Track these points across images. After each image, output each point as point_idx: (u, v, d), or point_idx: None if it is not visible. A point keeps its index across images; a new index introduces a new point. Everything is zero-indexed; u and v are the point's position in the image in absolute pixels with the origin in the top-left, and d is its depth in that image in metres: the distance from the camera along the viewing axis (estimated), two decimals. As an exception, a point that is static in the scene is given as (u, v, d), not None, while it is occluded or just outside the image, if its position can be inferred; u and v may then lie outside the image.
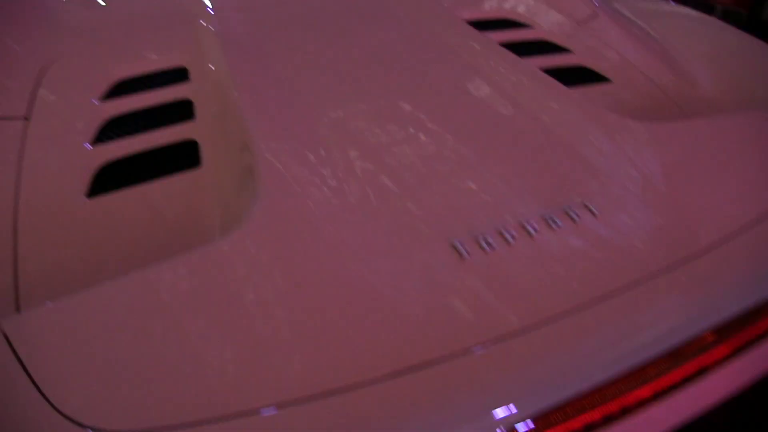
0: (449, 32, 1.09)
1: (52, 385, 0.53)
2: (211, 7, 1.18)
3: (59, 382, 0.54)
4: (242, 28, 1.09)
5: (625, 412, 0.61)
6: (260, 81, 0.91)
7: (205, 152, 0.84)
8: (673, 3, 1.49)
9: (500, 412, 0.56)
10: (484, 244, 0.68)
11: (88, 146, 0.84)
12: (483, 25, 1.14)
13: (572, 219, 0.73)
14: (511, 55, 1.02)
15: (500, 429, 0.55)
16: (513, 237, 0.69)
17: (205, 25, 1.07)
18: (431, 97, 0.93)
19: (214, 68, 0.95)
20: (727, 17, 3.17)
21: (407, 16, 1.15)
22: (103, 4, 1.27)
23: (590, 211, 0.74)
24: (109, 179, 0.81)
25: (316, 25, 1.12)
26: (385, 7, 1.21)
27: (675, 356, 0.64)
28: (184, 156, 0.84)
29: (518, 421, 0.56)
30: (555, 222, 0.72)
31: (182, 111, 0.90)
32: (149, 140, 0.85)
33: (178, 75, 0.96)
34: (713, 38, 1.24)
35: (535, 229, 0.71)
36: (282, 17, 1.17)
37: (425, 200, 0.73)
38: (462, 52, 1.03)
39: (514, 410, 0.56)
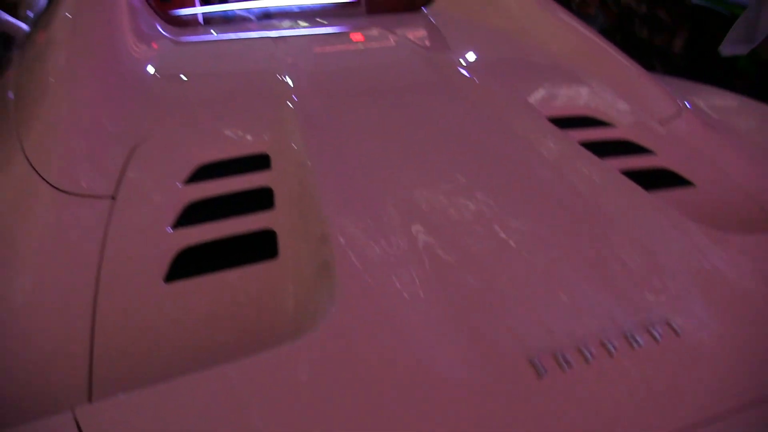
0: (529, 127, 1.08)
1: None
2: (292, 85, 1.19)
3: None
4: (323, 111, 1.09)
5: None
6: (340, 170, 0.90)
7: (283, 243, 0.83)
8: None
9: None
10: (562, 362, 0.66)
11: (169, 230, 0.84)
12: (564, 122, 1.12)
13: (654, 338, 0.70)
14: (590, 156, 1.00)
15: None
16: (592, 355, 0.68)
17: (286, 107, 1.08)
18: (509, 193, 0.92)
19: (294, 156, 0.94)
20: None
21: (489, 108, 1.15)
22: (186, 79, 1.29)
23: (673, 330, 0.72)
24: (186, 264, 0.81)
25: (400, 111, 1.12)
26: (464, 95, 1.20)
27: None
28: (262, 244, 0.84)
29: None
30: (636, 341, 0.70)
31: (262, 199, 0.89)
32: (228, 228, 0.85)
33: (260, 162, 0.95)
34: None
35: (615, 348, 0.69)
36: (364, 98, 1.18)
37: (504, 309, 0.72)
38: (540, 149, 1.02)
39: None
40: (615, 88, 1.28)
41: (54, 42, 1.29)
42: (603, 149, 1.07)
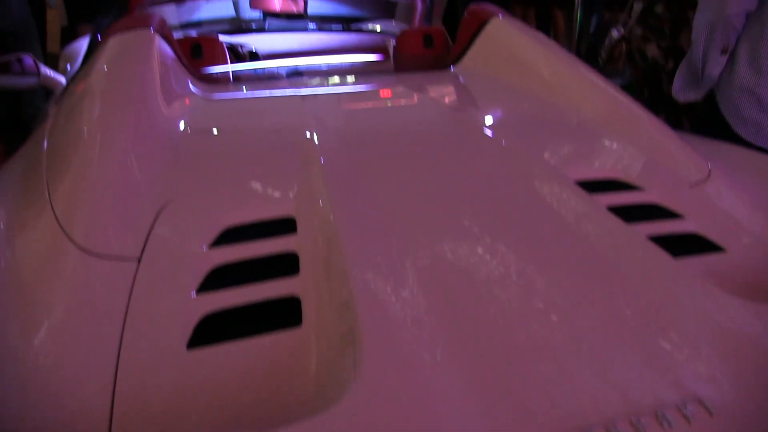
0: (556, 191, 1.07)
1: None
2: (319, 144, 1.20)
3: None
4: (349, 172, 1.09)
5: None
6: (367, 236, 0.90)
7: (307, 310, 0.82)
8: None
9: None
10: None
11: (193, 294, 0.84)
12: (592, 186, 1.11)
13: (686, 418, 0.67)
14: (617, 222, 0.99)
15: None
16: None
17: (313, 168, 1.09)
18: (536, 260, 0.90)
19: (320, 220, 0.94)
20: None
21: (515, 171, 1.14)
22: (215, 137, 1.31)
23: (706, 408, 0.68)
24: (209, 329, 0.81)
25: (427, 173, 1.12)
26: (490, 157, 1.20)
27: None
28: (287, 310, 0.83)
29: None
30: (667, 420, 0.67)
31: (287, 264, 0.89)
32: (252, 294, 0.84)
33: (286, 225, 0.95)
34: None
35: (645, 429, 0.66)
36: (391, 160, 1.18)
37: (533, 381, 0.70)
38: (567, 214, 1.00)
39: None
40: (643, 149, 1.27)
41: (86, 98, 1.33)
42: (632, 213, 1.05)
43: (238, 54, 2.27)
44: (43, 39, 4.63)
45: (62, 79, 2.18)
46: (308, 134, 1.25)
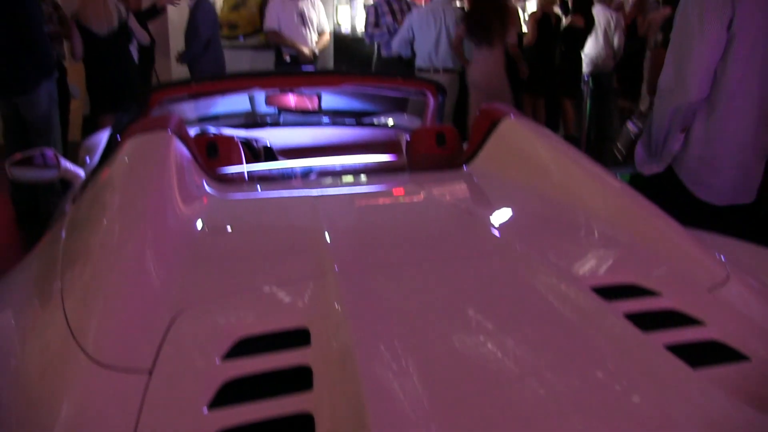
0: (571, 299, 1.05)
1: None
2: (333, 247, 1.20)
3: None
4: (364, 278, 1.08)
5: None
6: (382, 351, 0.88)
7: (320, 428, 0.79)
8: None
9: None
10: None
11: (205, 410, 0.82)
12: (608, 291, 1.09)
13: None
14: (633, 331, 0.96)
15: None
16: None
17: (327, 275, 1.08)
18: (550, 369, 0.87)
19: (334, 332, 0.93)
20: None
21: (530, 278, 1.13)
22: (229, 240, 1.32)
23: None
24: None
25: (445, 280, 1.11)
26: (506, 263, 1.19)
27: None
28: (300, 426, 0.80)
29: None
30: None
31: (301, 378, 0.87)
32: (266, 410, 0.82)
33: (300, 337, 0.94)
34: None
35: None
36: (406, 266, 1.16)
37: None
38: (580, 322, 0.98)
39: None
40: (659, 252, 1.25)
41: (103, 202, 1.34)
42: (650, 320, 1.02)
43: (252, 149, 2.31)
44: (65, 127, 4.78)
45: (81, 172, 2.22)
46: (322, 237, 1.25)
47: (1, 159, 2.47)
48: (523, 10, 7.49)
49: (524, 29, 6.41)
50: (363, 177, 1.93)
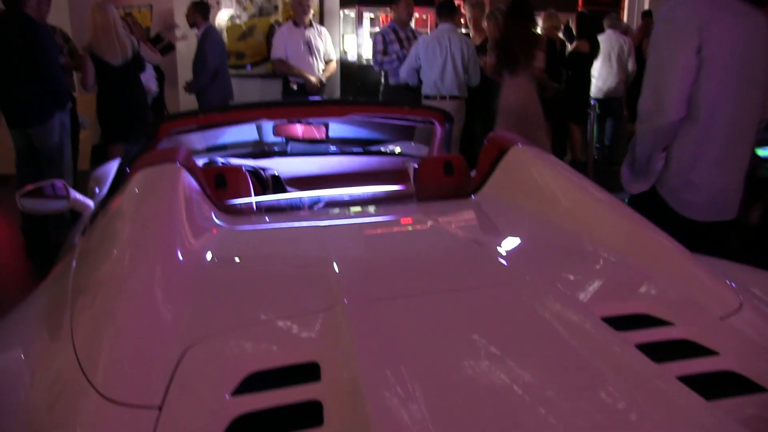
0: (582, 330, 1.03)
1: None
2: (342, 280, 1.19)
3: None
4: (373, 310, 1.08)
5: None
6: (391, 388, 0.87)
7: None
8: None
9: None
10: None
11: None
12: (619, 322, 1.08)
13: None
14: (645, 362, 0.95)
15: None
16: None
17: (337, 308, 1.07)
18: (561, 401, 0.86)
19: (344, 368, 0.92)
20: None
21: (540, 309, 1.11)
22: (238, 272, 1.32)
23: None
24: None
25: (455, 314, 1.09)
26: (516, 294, 1.18)
27: None
28: None
29: None
30: None
31: (311, 414, 0.86)
32: None
33: (310, 371, 0.93)
34: None
35: None
36: (414, 293, 1.16)
37: None
38: (591, 354, 0.96)
39: None
40: (671, 281, 1.23)
41: (113, 235, 1.35)
42: (663, 351, 1.00)
43: (260, 178, 2.32)
44: (75, 157, 4.83)
45: (90, 203, 2.24)
46: (331, 269, 1.24)
47: (13, 189, 2.49)
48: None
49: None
50: (371, 207, 1.93)
